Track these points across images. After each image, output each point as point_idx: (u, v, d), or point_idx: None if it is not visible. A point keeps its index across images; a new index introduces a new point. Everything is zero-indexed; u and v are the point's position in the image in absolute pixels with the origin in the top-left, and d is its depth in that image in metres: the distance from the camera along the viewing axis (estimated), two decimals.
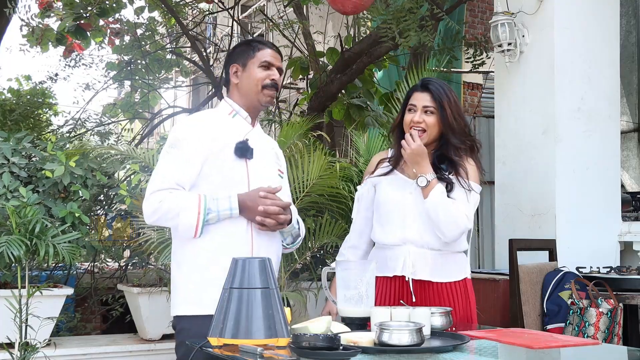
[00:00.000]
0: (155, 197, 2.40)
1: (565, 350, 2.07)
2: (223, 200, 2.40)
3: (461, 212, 2.61)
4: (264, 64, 2.55)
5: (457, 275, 2.71)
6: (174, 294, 2.49)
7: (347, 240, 2.90)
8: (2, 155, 3.52)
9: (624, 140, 6.44)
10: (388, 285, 2.71)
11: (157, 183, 2.42)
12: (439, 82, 2.76)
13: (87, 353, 3.70)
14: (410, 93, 2.79)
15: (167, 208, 2.38)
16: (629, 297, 3.40)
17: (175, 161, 2.43)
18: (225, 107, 2.59)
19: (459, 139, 2.70)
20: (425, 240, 2.66)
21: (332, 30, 8.14)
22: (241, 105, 2.58)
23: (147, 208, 2.42)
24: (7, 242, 3.08)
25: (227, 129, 2.52)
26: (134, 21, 7.33)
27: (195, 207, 2.36)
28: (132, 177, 3.86)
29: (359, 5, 3.78)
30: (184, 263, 2.45)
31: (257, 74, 2.54)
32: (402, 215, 2.68)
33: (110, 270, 4.89)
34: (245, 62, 2.56)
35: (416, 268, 2.65)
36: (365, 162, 4.27)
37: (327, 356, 1.75)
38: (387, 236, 2.71)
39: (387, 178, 2.77)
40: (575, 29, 3.90)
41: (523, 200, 3.90)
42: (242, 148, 2.48)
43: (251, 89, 2.55)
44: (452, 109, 2.69)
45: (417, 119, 2.70)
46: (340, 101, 6.35)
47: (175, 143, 2.46)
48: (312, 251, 3.96)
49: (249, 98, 2.57)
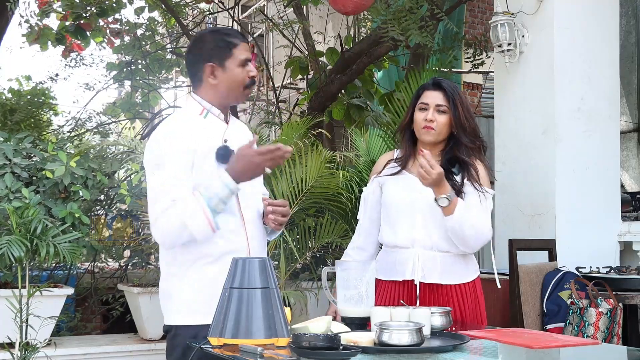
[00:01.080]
0: (160, 222, 2.31)
1: (565, 350, 2.07)
2: (214, 183, 2.30)
3: (483, 223, 2.62)
4: (243, 63, 2.42)
5: (467, 277, 2.70)
6: (168, 303, 2.42)
7: (353, 241, 2.86)
8: (3, 156, 3.52)
9: (623, 140, 6.44)
10: (397, 290, 2.68)
11: (156, 209, 2.32)
12: (449, 82, 2.75)
13: (88, 353, 3.70)
14: (420, 91, 2.75)
15: (173, 225, 2.29)
16: (628, 297, 3.40)
17: (165, 182, 2.31)
18: (195, 107, 2.44)
19: (470, 139, 2.69)
20: (434, 242, 2.64)
21: (332, 31, 8.15)
22: (214, 103, 2.44)
23: (158, 236, 2.33)
24: (7, 242, 3.08)
25: (203, 133, 2.39)
26: (134, 21, 7.33)
27: (196, 205, 2.28)
28: (132, 177, 3.86)
29: (359, 5, 3.77)
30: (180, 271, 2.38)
31: (239, 75, 2.41)
32: (411, 216, 2.66)
33: (110, 270, 4.90)
34: (222, 62, 2.40)
35: (425, 272, 2.64)
36: (365, 163, 4.28)
37: (327, 356, 1.76)
38: (396, 237, 2.68)
39: (395, 178, 2.74)
40: (575, 29, 3.91)
41: (523, 200, 3.90)
42: (224, 154, 2.37)
43: (232, 91, 2.43)
44: (463, 108, 2.68)
45: (430, 117, 2.67)
46: (340, 101, 6.35)
47: (158, 162, 2.33)
48: (312, 251, 3.96)
49: (227, 98, 2.45)
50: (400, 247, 2.68)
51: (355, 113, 6.33)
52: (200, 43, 2.45)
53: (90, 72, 30.91)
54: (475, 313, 2.70)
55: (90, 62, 8.34)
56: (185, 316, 2.36)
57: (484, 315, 2.75)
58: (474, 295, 2.71)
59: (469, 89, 9.22)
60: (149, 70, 7.40)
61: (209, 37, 2.46)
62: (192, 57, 2.47)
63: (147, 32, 7.38)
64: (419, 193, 2.64)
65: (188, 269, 2.37)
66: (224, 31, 2.51)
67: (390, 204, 2.73)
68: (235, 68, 2.41)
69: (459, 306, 2.65)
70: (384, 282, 2.72)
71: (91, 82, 8.30)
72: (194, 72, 2.45)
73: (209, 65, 2.41)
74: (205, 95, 2.44)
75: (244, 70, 2.42)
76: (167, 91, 9.84)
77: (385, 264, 2.72)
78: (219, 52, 2.41)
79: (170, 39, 8.16)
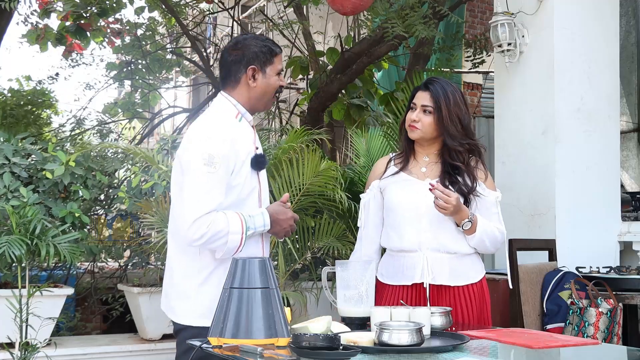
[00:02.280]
0: (201, 222, 2.31)
1: (565, 350, 2.07)
2: (258, 217, 2.42)
3: (501, 232, 2.71)
4: (279, 72, 2.52)
5: (474, 277, 2.71)
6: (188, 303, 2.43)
7: (356, 250, 2.85)
8: (2, 156, 3.52)
9: (623, 140, 6.43)
10: (406, 293, 2.68)
11: (200, 207, 2.32)
12: (442, 82, 2.74)
13: (87, 353, 3.70)
14: (414, 92, 2.79)
15: (215, 232, 2.32)
16: (628, 297, 3.40)
17: (213, 182, 2.34)
18: (230, 109, 2.49)
19: (457, 141, 2.68)
20: (441, 244, 2.65)
21: (332, 31, 8.14)
22: (247, 107, 2.50)
23: (195, 233, 2.32)
24: (7, 242, 3.08)
25: (240, 138, 2.45)
26: (134, 21, 7.33)
27: (239, 228, 2.35)
28: (132, 178, 3.86)
29: (358, 6, 3.77)
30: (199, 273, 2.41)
31: (275, 83, 2.51)
32: (417, 219, 2.66)
33: (110, 270, 4.90)
34: (264, 67, 2.48)
35: (435, 274, 2.64)
36: (365, 163, 4.27)
37: (327, 356, 1.76)
38: (402, 241, 2.68)
39: (397, 181, 2.74)
40: (575, 29, 3.91)
41: (523, 200, 3.90)
42: (260, 162, 2.46)
43: (266, 95, 2.51)
44: (450, 110, 2.67)
45: (414, 117, 2.71)
46: (340, 101, 6.35)
47: (210, 161, 2.35)
48: (312, 251, 3.96)
49: (259, 102, 2.52)
50: (407, 251, 2.67)
51: (355, 113, 6.33)
52: (245, 45, 2.50)
53: (90, 71, 30.89)
54: (482, 313, 2.71)
55: (90, 62, 8.35)
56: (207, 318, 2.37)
57: (489, 316, 2.75)
58: (481, 295, 2.72)
59: (469, 89, 9.21)
60: (149, 70, 7.40)
61: (255, 42, 2.52)
62: (233, 57, 2.50)
63: (147, 32, 7.38)
64: (423, 196, 2.64)
65: (211, 272, 2.40)
66: (267, 39, 2.59)
67: (394, 208, 2.72)
68: (274, 75, 2.50)
69: (467, 307, 2.65)
70: (391, 286, 2.72)
71: (91, 82, 8.31)
72: (233, 73, 2.49)
73: (251, 68, 2.47)
74: (240, 97, 2.50)
75: (279, 79, 2.52)
76: (167, 91, 9.85)
77: (393, 269, 2.72)
78: (263, 57, 2.49)
79: (170, 39, 8.16)
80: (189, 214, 2.32)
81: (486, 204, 2.71)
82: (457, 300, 2.65)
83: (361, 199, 2.86)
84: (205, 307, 2.36)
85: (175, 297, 2.47)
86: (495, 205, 2.73)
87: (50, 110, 7.58)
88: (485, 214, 2.69)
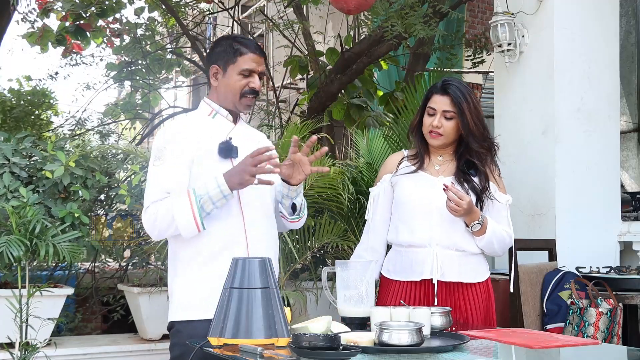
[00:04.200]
0: (149, 212, 2.36)
1: (565, 350, 2.07)
2: (210, 182, 2.33)
3: (509, 234, 2.71)
4: (245, 72, 2.47)
5: (481, 276, 2.71)
6: (171, 299, 2.48)
7: (363, 242, 2.84)
8: (2, 156, 3.52)
9: (623, 140, 6.43)
10: (414, 289, 2.67)
11: (148, 198, 2.39)
12: (458, 84, 2.70)
13: (88, 353, 3.70)
14: (429, 94, 2.73)
15: (162, 216, 2.33)
16: (628, 297, 3.40)
17: (161, 171, 2.38)
18: (205, 108, 2.54)
19: (479, 143, 2.68)
20: (452, 241, 2.64)
21: (332, 31, 8.14)
22: (221, 105, 2.52)
23: (146, 225, 2.39)
24: (7, 242, 3.08)
25: (209, 130, 2.46)
26: (134, 21, 7.33)
27: (186, 201, 2.31)
28: (132, 178, 3.86)
29: (361, 4, 3.76)
30: (179, 269, 2.44)
31: (236, 83, 2.47)
32: (428, 215, 2.65)
33: (110, 270, 4.89)
34: (225, 66, 2.48)
35: (444, 270, 2.63)
36: (365, 163, 4.27)
37: (327, 356, 1.75)
38: (413, 236, 2.67)
39: (410, 176, 2.72)
40: (575, 29, 3.91)
41: (523, 200, 3.90)
42: (225, 148, 2.42)
43: (228, 96, 2.49)
44: (471, 112, 2.65)
45: (437, 123, 2.66)
46: (340, 101, 6.35)
47: (158, 154, 2.41)
48: (312, 251, 3.96)
49: (227, 101, 2.51)
50: (417, 246, 2.66)
51: (355, 113, 6.33)
52: (214, 45, 2.56)
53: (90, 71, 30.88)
54: (488, 313, 2.71)
55: (90, 62, 8.34)
56: (182, 312, 2.41)
57: (494, 317, 2.75)
58: (487, 294, 2.72)
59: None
60: (149, 70, 7.40)
61: (223, 42, 2.55)
62: (206, 57, 2.61)
63: (147, 32, 7.37)
64: (436, 192, 2.63)
65: (185, 267, 2.42)
66: (238, 39, 2.57)
67: (405, 203, 2.70)
68: (235, 75, 2.47)
69: (474, 306, 2.65)
70: (398, 282, 2.70)
71: (91, 82, 8.30)
72: (207, 73, 2.56)
73: (213, 67, 2.51)
74: (211, 96, 2.55)
75: (244, 80, 2.47)
76: (167, 91, 9.85)
77: (401, 264, 2.70)
78: (225, 56, 2.49)
79: (170, 39, 8.16)
80: (143, 209, 2.40)
81: (497, 206, 2.71)
82: (465, 298, 2.65)
83: (370, 192, 2.85)
84: (182, 301, 2.41)
85: (169, 294, 2.52)
86: (505, 209, 2.73)
87: (50, 111, 7.59)
88: (496, 216, 2.69)
